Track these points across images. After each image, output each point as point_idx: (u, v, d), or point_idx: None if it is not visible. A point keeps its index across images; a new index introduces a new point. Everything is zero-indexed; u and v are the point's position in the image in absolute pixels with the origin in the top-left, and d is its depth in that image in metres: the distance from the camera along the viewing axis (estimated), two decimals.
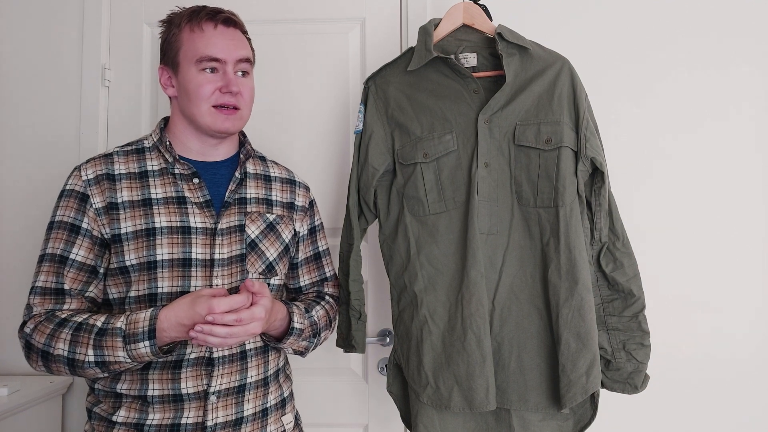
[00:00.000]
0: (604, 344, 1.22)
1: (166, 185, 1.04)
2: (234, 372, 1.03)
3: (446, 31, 1.29)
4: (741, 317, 1.48)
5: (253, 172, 1.16)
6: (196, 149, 1.09)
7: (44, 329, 0.95)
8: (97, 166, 1.03)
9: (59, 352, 0.93)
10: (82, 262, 1.00)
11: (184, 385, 0.99)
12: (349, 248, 1.31)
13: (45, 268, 1.00)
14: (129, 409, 0.99)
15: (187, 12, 1.06)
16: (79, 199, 1.01)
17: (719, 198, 1.50)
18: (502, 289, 1.19)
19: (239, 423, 1.03)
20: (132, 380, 0.99)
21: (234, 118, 1.06)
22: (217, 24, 1.05)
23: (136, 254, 0.99)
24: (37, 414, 1.43)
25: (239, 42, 1.08)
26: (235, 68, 1.06)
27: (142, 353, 0.92)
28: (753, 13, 1.51)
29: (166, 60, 1.08)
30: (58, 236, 1.00)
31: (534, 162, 1.18)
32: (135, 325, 0.92)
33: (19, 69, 1.63)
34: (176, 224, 1.01)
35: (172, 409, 0.99)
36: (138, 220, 1.00)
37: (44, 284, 0.99)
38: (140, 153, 1.07)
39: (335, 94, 1.59)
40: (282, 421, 1.12)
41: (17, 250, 1.60)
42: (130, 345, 0.92)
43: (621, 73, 1.53)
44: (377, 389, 1.55)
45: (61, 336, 0.94)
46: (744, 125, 1.50)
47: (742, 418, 1.47)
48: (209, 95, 1.03)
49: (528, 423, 1.19)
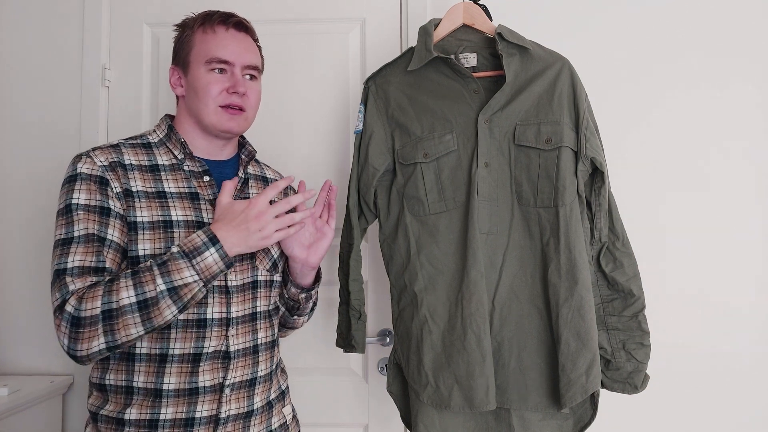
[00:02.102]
0: (604, 344, 1.22)
1: (177, 180, 1.05)
2: (247, 365, 1.05)
3: (446, 31, 1.29)
4: (741, 317, 1.48)
5: (253, 173, 1.19)
6: (202, 148, 1.10)
7: (95, 293, 0.89)
8: (108, 153, 1.02)
9: (126, 301, 0.88)
10: (118, 243, 0.97)
11: (201, 378, 1.00)
12: (349, 248, 1.31)
13: (80, 249, 0.93)
14: (141, 406, 0.98)
15: (201, 15, 1.10)
16: (99, 183, 0.98)
17: (719, 198, 1.51)
18: (502, 289, 1.19)
19: (249, 415, 1.05)
20: (148, 372, 0.98)
21: (239, 118, 1.08)
22: (229, 27, 1.08)
23: (152, 245, 0.98)
24: (37, 414, 1.43)
25: (249, 47, 1.10)
26: (243, 72, 1.08)
27: (210, 263, 0.92)
28: (754, 31, 1.52)
29: (177, 60, 1.10)
30: (89, 217, 0.95)
31: (534, 162, 1.19)
32: (192, 243, 0.93)
33: (20, 69, 1.63)
34: (192, 218, 1.02)
35: (186, 402, 0.99)
36: (155, 211, 1.00)
37: (82, 263, 0.92)
38: (147, 147, 1.07)
39: (335, 94, 1.59)
40: (283, 413, 1.14)
41: (18, 250, 1.60)
42: (195, 259, 0.91)
43: (621, 73, 1.54)
44: (377, 389, 1.55)
45: (120, 286, 0.89)
46: (748, 129, 1.51)
47: (742, 417, 1.47)
48: (217, 95, 1.05)
49: (528, 423, 1.19)
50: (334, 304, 1.43)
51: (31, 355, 1.57)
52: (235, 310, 1.04)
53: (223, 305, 1.03)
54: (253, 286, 1.09)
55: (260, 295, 1.10)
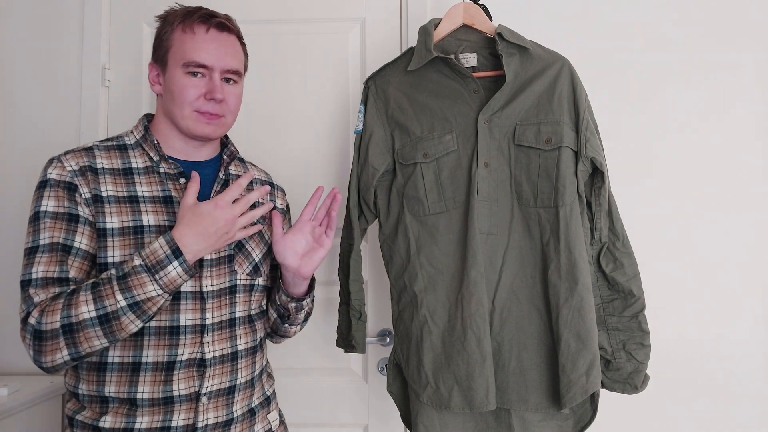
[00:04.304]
0: (604, 344, 1.22)
1: (151, 183, 1.02)
2: (225, 373, 1.02)
3: (446, 31, 1.29)
4: (742, 317, 1.48)
5: (235, 174, 1.14)
6: (179, 148, 1.07)
7: (55, 307, 0.88)
8: (79, 157, 0.99)
9: (85, 316, 0.87)
10: (86, 250, 0.95)
11: (176, 387, 0.97)
12: (349, 248, 1.31)
13: (43, 259, 0.92)
14: (116, 414, 0.95)
15: (182, 11, 1.04)
16: (68, 189, 0.96)
17: (718, 198, 1.51)
18: (502, 289, 1.19)
19: (229, 424, 1.02)
20: (120, 382, 0.96)
21: (216, 123, 1.04)
22: (210, 28, 1.02)
23: (121, 251, 0.96)
24: (37, 414, 1.42)
25: (230, 50, 1.05)
26: (222, 76, 1.04)
27: (173, 277, 0.90)
28: (753, 19, 1.52)
29: (156, 57, 1.06)
30: (55, 225, 0.94)
31: (534, 162, 1.18)
32: (155, 255, 0.90)
33: (20, 69, 1.63)
34: (164, 223, 0.99)
35: (162, 411, 0.97)
36: (125, 216, 0.97)
37: (45, 274, 0.92)
38: (122, 149, 1.04)
39: (335, 94, 1.59)
40: (268, 419, 1.12)
41: (16, 251, 1.58)
42: (158, 274, 0.89)
43: (621, 73, 1.54)
44: (377, 389, 1.55)
45: (80, 300, 0.88)
46: (746, 126, 1.51)
47: (742, 418, 1.47)
48: (193, 99, 1.01)
49: (528, 423, 1.19)
50: (334, 304, 1.43)
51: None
52: (211, 316, 1.01)
53: (198, 311, 0.99)
54: (230, 291, 1.05)
55: (239, 300, 1.06)
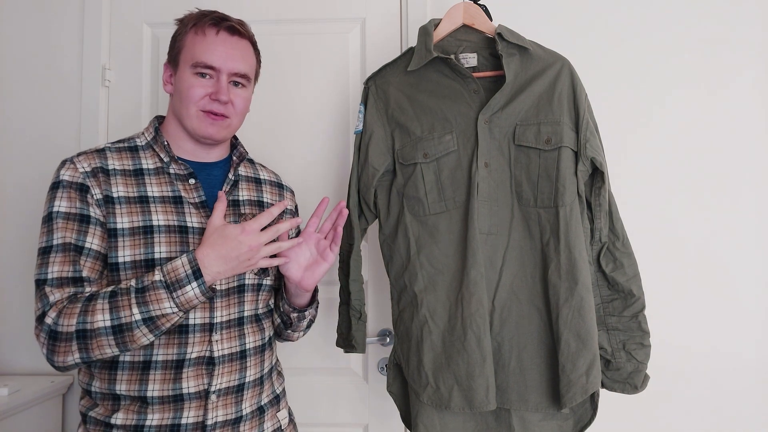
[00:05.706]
0: (604, 344, 1.22)
1: (162, 184, 1.04)
2: (234, 371, 1.04)
3: (446, 31, 1.29)
4: (742, 317, 1.48)
5: (245, 175, 1.16)
6: (189, 149, 1.09)
7: (72, 310, 0.90)
8: (92, 159, 1.02)
9: (100, 324, 0.89)
10: (98, 251, 0.97)
11: (185, 385, 0.99)
12: (349, 248, 1.31)
13: (57, 259, 0.94)
14: (128, 411, 0.98)
15: (197, 14, 1.07)
16: (80, 190, 0.98)
17: (719, 198, 1.51)
18: (502, 289, 1.19)
19: (238, 421, 1.04)
20: (131, 381, 0.98)
21: (220, 124, 1.05)
22: (220, 30, 1.04)
23: (132, 251, 0.98)
24: (37, 414, 1.43)
25: (239, 53, 1.06)
26: (229, 78, 1.05)
27: (191, 297, 0.92)
28: (754, 19, 1.52)
29: (170, 58, 1.09)
30: (67, 226, 0.96)
31: (534, 162, 1.18)
32: (175, 273, 0.91)
33: (20, 69, 1.63)
34: (174, 223, 1.01)
35: (172, 409, 0.98)
36: (135, 216, 0.99)
37: (60, 274, 0.94)
38: (133, 151, 1.06)
39: (335, 94, 1.59)
40: (278, 417, 1.13)
41: (17, 251, 1.60)
42: (176, 292, 0.91)
43: (621, 73, 1.54)
44: (377, 389, 1.55)
45: (96, 308, 0.90)
46: (746, 126, 1.51)
47: (742, 417, 1.47)
48: (198, 99, 1.03)
49: (528, 423, 1.19)
50: (334, 304, 1.43)
51: (31, 355, 1.57)
52: (220, 315, 1.03)
53: (206, 310, 1.01)
54: (239, 290, 1.06)
55: (247, 299, 1.08)
